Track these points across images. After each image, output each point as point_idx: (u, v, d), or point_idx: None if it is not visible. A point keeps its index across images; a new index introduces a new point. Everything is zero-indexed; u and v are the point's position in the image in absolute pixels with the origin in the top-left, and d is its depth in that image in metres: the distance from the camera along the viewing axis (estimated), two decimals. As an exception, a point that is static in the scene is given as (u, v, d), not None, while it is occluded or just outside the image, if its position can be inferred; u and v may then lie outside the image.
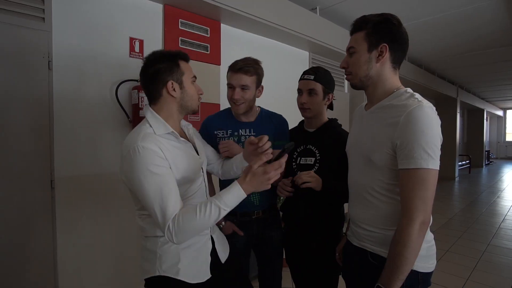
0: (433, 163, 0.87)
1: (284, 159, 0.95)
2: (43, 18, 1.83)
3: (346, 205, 1.63)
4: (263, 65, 1.49)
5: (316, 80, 1.41)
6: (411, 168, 0.88)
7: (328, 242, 1.39)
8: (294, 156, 1.47)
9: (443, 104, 9.12)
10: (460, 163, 10.20)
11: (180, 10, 2.48)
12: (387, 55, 1.01)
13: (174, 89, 1.07)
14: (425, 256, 0.97)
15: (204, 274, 1.12)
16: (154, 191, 0.94)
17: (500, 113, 15.84)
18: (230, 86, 1.42)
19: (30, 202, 1.82)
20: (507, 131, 16.73)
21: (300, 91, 1.45)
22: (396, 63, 1.05)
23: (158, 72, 1.06)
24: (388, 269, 0.90)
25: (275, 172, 0.93)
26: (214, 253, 1.18)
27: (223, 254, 1.23)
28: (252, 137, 1.18)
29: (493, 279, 2.73)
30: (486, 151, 13.23)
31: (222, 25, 2.82)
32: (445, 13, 3.74)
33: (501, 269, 2.97)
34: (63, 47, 1.92)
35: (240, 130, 1.49)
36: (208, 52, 2.67)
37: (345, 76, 1.11)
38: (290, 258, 1.56)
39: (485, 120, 12.85)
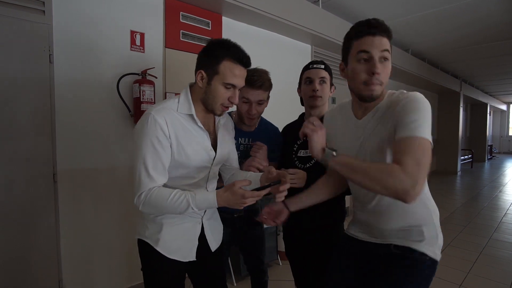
0: (428, 135, 0.87)
1: (264, 192, 1.00)
2: (43, 11, 1.82)
3: (347, 199, 1.63)
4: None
5: (326, 69, 1.44)
6: (406, 136, 0.87)
7: (329, 237, 1.38)
8: (295, 148, 1.46)
9: (446, 98, 9.04)
10: (463, 157, 10.15)
11: (181, 3, 2.46)
12: None
13: (201, 80, 1.08)
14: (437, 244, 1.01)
15: (186, 254, 1.16)
16: (143, 159, 1.00)
17: (503, 107, 15.71)
18: (246, 101, 1.41)
19: (33, 195, 1.83)
20: (510, 125, 16.61)
21: (309, 79, 1.42)
22: None
23: (204, 56, 1.08)
24: (346, 156, 0.97)
25: (252, 200, 0.97)
26: (204, 239, 1.20)
27: (214, 243, 1.24)
28: (275, 174, 1.10)
29: (494, 273, 2.73)
30: (488, 145, 13.16)
31: (223, 18, 2.79)
32: (448, 5, 3.69)
33: (502, 262, 2.97)
34: (63, 41, 1.91)
35: (239, 139, 1.50)
36: (210, 46, 2.65)
37: (374, 85, 0.96)
38: (289, 251, 1.56)
39: (488, 115, 12.76)
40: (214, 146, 1.17)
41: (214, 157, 1.16)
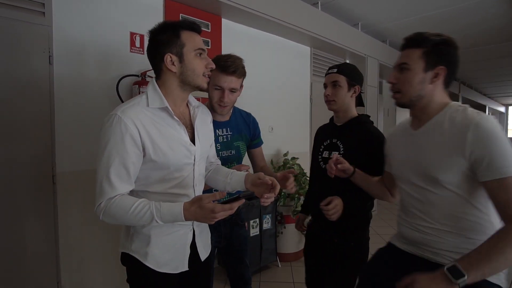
0: None
1: (237, 204, 0.90)
2: (43, 13, 1.82)
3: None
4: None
5: (339, 72, 1.41)
6: (500, 178, 0.86)
7: (351, 241, 1.39)
8: (321, 149, 1.48)
9: (444, 100, 9.07)
10: (462, 159, 10.13)
11: (180, 5, 2.46)
12: (441, 78, 1.01)
13: (173, 63, 1.00)
14: None
15: (178, 265, 1.07)
16: (106, 165, 0.92)
17: (502, 109, 15.77)
18: (218, 88, 1.35)
19: (32, 197, 1.83)
20: (509, 127, 16.67)
21: (325, 85, 1.46)
22: (448, 84, 1.05)
23: (157, 45, 1.00)
24: (475, 257, 0.84)
25: (224, 214, 0.88)
26: (193, 247, 1.12)
27: (204, 252, 1.16)
28: (267, 178, 1.06)
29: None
30: (487, 147, 13.18)
31: (223, 20, 2.80)
32: (446, 9, 3.71)
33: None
34: (63, 42, 1.91)
35: (217, 131, 1.41)
36: (209, 47, 2.65)
37: (392, 93, 1.07)
38: (308, 250, 1.56)
39: (487, 116, 12.80)
40: (194, 140, 1.08)
41: (195, 151, 1.07)
